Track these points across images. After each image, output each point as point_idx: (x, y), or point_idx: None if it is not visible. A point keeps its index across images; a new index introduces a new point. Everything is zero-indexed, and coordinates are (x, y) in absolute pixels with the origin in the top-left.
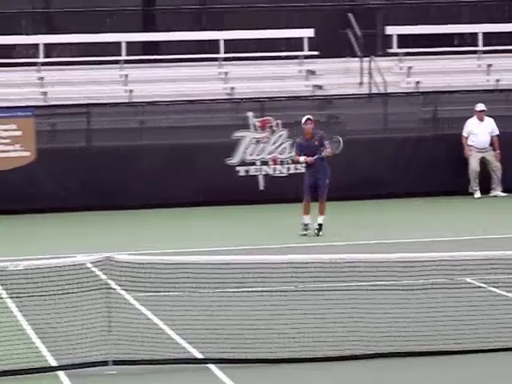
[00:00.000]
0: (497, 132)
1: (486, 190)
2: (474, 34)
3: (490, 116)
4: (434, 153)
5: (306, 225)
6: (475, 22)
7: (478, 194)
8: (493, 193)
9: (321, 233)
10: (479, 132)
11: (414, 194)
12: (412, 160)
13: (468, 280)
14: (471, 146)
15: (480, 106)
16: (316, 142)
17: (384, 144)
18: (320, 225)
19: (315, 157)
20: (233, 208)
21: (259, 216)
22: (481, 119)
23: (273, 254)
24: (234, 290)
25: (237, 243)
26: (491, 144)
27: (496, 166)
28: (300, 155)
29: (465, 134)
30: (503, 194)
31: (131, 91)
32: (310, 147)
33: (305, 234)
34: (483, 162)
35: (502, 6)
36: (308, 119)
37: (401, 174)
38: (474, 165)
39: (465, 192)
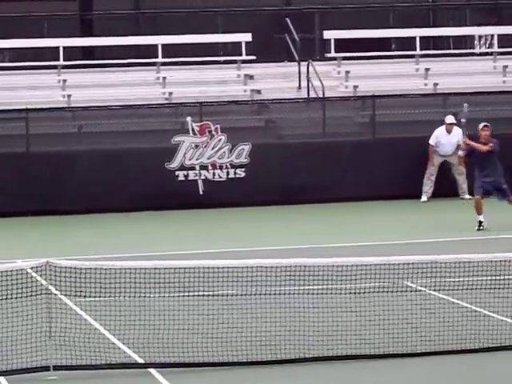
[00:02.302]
0: (461, 153)
1: (455, 194)
2: (412, 39)
3: (457, 125)
4: (372, 157)
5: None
6: (412, 26)
7: (424, 198)
8: (461, 196)
9: None
10: (446, 142)
11: (352, 198)
12: (350, 164)
13: (408, 284)
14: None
15: (450, 119)
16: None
17: (322, 148)
18: None
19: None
20: (172, 212)
21: (199, 220)
22: (449, 131)
23: (214, 258)
24: (175, 294)
25: (177, 248)
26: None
27: (459, 169)
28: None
29: (432, 142)
30: (468, 197)
31: (69, 96)
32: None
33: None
34: (448, 168)
35: (439, 11)
36: (485, 126)
37: (339, 179)
38: (431, 168)
39: (404, 196)
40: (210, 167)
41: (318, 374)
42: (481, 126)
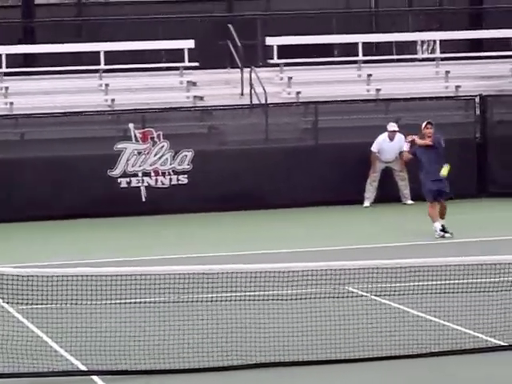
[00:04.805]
0: (405, 148)
1: (397, 199)
2: (354, 44)
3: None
4: (315, 163)
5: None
6: (355, 32)
7: (366, 204)
8: (404, 202)
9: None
10: (389, 149)
11: (295, 204)
12: (292, 170)
13: (350, 289)
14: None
15: (392, 127)
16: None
17: (265, 154)
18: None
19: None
20: (115, 220)
21: (142, 227)
22: (392, 138)
23: (155, 264)
24: (116, 301)
25: (119, 255)
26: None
27: (401, 175)
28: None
29: (374, 149)
30: (411, 202)
31: (11, 103)
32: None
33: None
34: (390, 172)
35: (381, 16)
36: (428, 123)
37: (281, 185)
38: (373, 174)
39: (346, 201)
40: (152, 174)
41: (248, 381)
42: (424, 123)
